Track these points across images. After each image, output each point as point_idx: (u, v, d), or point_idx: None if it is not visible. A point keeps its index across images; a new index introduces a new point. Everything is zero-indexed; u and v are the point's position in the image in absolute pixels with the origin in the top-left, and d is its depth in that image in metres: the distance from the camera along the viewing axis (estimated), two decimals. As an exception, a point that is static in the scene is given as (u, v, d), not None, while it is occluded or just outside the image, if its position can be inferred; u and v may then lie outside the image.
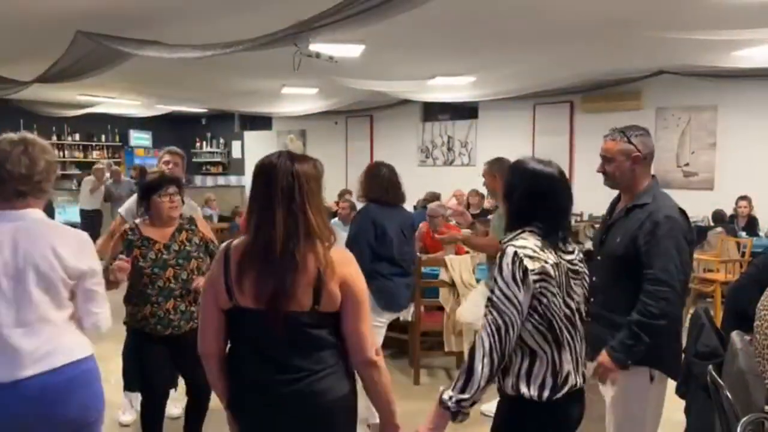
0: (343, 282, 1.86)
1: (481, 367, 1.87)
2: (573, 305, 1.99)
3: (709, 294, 6.38)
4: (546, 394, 1.94)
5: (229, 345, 1.99)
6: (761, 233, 7.83)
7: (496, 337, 1.88)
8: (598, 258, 2.64)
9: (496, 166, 4.03)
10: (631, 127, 2.58)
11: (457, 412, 1.89)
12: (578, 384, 2.01)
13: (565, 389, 1.96)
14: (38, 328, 2.05)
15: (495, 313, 1.89)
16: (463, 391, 1.88)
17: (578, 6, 5.12)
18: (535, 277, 1.90)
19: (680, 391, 2.93)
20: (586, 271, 2.13)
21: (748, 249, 6.72)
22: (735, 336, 2.43)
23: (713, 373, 2.39)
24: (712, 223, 8.06)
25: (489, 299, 1.93)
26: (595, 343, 2.49)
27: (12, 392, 2.01)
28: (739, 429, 2.00)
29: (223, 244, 1.99)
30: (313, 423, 1.89)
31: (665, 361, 2.50)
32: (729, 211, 8.06)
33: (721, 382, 2.30)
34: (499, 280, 1.90)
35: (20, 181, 2.07)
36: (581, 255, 2.14)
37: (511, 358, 1.96)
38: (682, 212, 2.51)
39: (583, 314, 2.08)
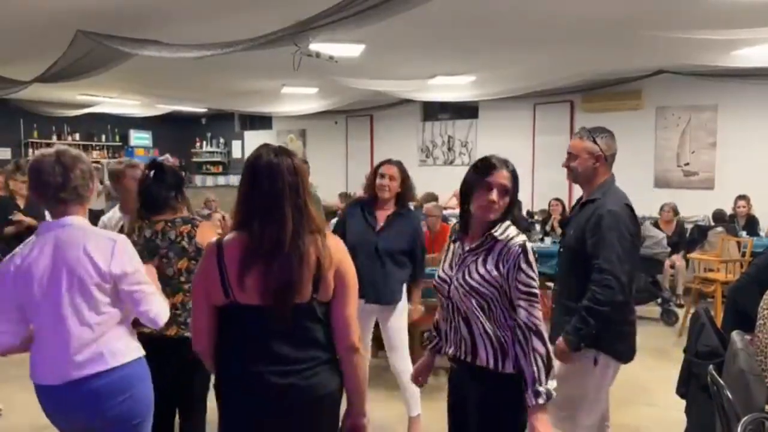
0: (337, 269, 1.93)
1: (552, 354, 2.10)
2: None
3: (709, 294, 6.37)
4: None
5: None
6: (762, 233, 7.83)
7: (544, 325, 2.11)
8: (561, 251, 2.90)
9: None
10: (597, 129, 2.79)
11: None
12: None
13: None
14: (74, 333, 2.13)
15: (539, 306, 2.10)
16: (548, 380, 2.06)
17: (579, 6, 5.11)
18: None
19: (680, 391, 2.93)
20: None
21: (748, 249, 6.71)
22: (735, 336, 2.43)
23: (713, 373, 2.39)
24: (712, 223, 8.06)
25: (530, 293, 2.08)
26: (556, 328, 2.74)
27: (62, 393, 2.14)
28: (739, 429, 2.00)
29: (212, 241, 1.96)
30: (301, 416, 1.91)
31: (611, 345, 2.67)
32: (729, 211, 8.06)
33: (722, 382, 2.30)
34: (532, 273, 2.08)
35: (58, 190, 2.18)
36: None
37: (508, 342, 2.13)
38: (628, 206, 2.69)
39: None
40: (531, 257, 2.09)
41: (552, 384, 2.05)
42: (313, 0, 4.09)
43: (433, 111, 12.04)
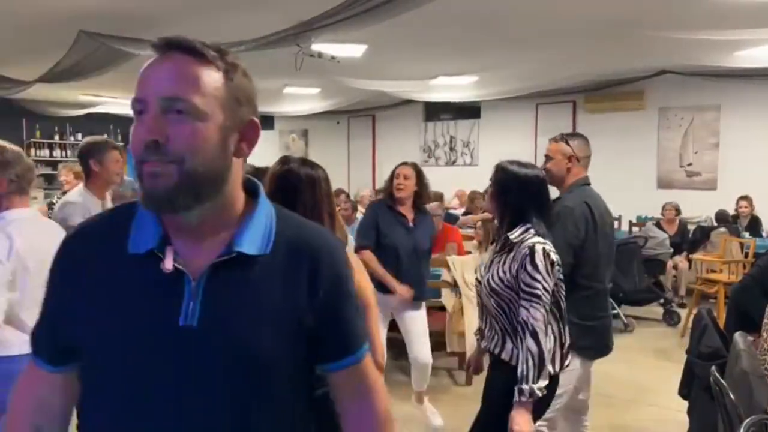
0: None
1: (547, 355, 2.16)
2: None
3: (712, 295, 6.35)
4: (557, 368, 2.29)
5: None
6: (764, 234, 7.81)
7: (545, 326, 2.18)
8: None
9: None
10: (572, 133, 2.99)
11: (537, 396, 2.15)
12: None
13: (566, 361, 2.34)
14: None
15: (541, 307, 2.17)
16: (539, 379, 2.14)
17: (581, 6, 5.11)
18: (557, 267, 2.25)
19: (683, 392, 2.93)
20: None
21: (751, 249, 6.70)
22: (738, 337, 2.43)
23: (716, 374, 2.39)
24: (715, 224, 8.04)
25: (532, 294, 2.18)
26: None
27: None
28: (742, 430, 1.99)
29: None
30: None
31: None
32: (732, 212, 8.05)
33: (724, 384, 2.29)
34: (537, 275, 2.18)
35: (25, 180, 2.27)
36: None
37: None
38: (586, 204, 2.78)
39: None
40: (538, 259, 2.19)
41: (541, 383, 2.13)
42: (315, 0, 4.10)
43: (435, 111, 12.03)
